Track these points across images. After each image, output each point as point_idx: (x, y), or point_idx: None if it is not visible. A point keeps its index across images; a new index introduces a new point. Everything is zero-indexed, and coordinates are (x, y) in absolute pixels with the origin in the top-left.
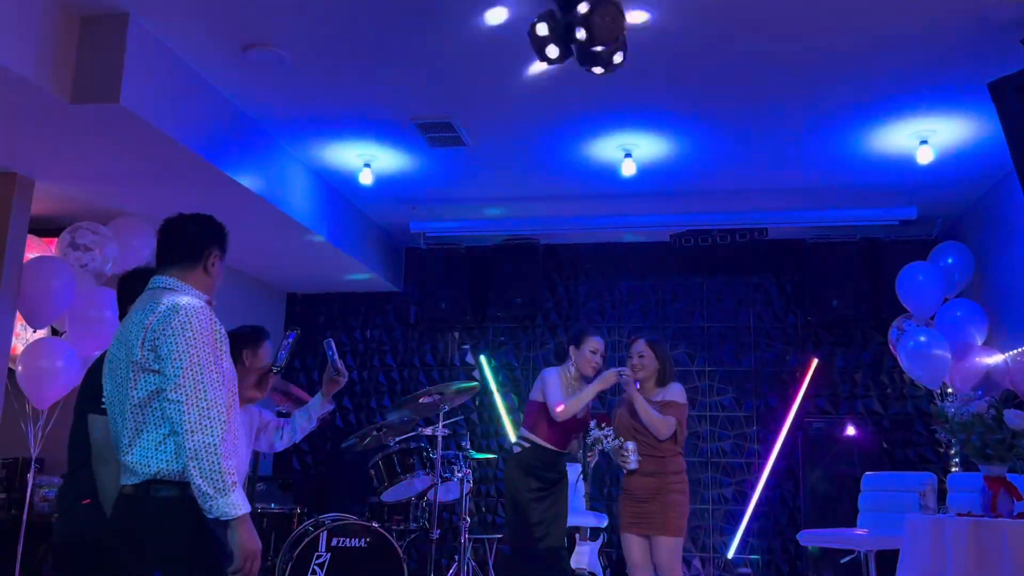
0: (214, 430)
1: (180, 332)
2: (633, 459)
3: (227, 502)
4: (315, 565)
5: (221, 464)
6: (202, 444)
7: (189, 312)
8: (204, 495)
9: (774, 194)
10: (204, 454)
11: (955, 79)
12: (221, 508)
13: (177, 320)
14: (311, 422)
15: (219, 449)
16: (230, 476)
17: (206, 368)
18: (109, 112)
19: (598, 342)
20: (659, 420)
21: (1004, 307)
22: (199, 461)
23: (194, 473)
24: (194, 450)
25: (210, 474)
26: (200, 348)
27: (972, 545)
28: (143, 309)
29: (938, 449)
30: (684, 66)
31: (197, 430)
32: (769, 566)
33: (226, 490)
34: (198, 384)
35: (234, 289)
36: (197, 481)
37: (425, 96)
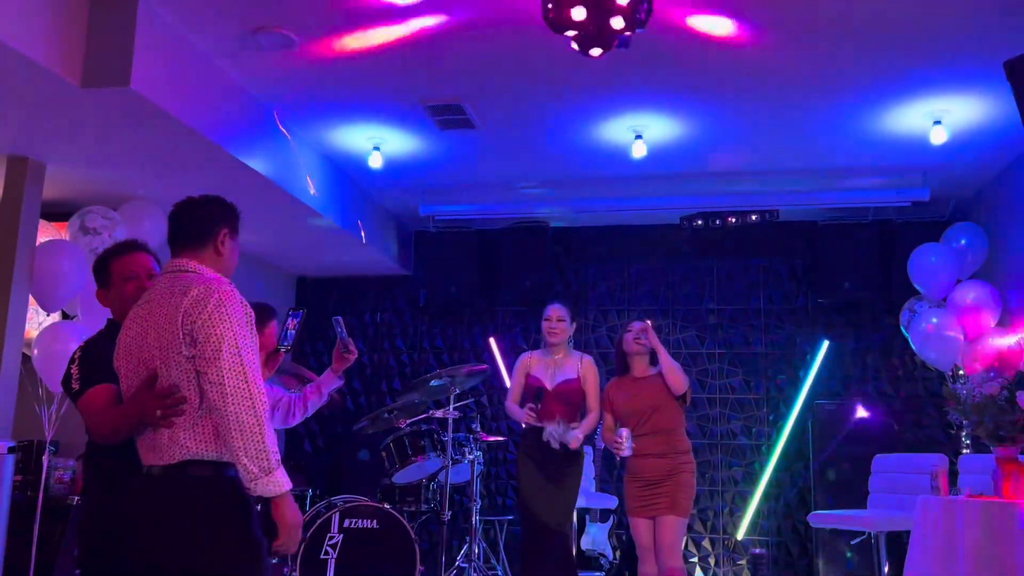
0: (257, 410)
1: (216, 313)
2: (627, 445)
3: (272, 480)
4: (328, 546)
5: (266, 443)
6: (247, 424)
7: (223, 293)
8: (250, 474)
9: (785, 176)
10: (249, 434)
11: (970, 58)
12: (266, 487)
13: (212, 301)
14: (322, 397)
15: (263, 428)
16: (274, 455)
17: (244, 348)
18: (119, 96)
19: (549, 309)
20: (677, 366)
21: (1017, 288)
22: (245, 441)
23: (240, 453)
24: (239, 431)
25: (256, 454)
26: (237, 328)
27: (983, 526)
28: (171, 291)
29: (949, 431)
30: (696, 48)
31: (241, 411)
32: (779, 548)
33: (270, 469)
34: (238, 365)
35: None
36: (244, 461)
37: (435, 78)
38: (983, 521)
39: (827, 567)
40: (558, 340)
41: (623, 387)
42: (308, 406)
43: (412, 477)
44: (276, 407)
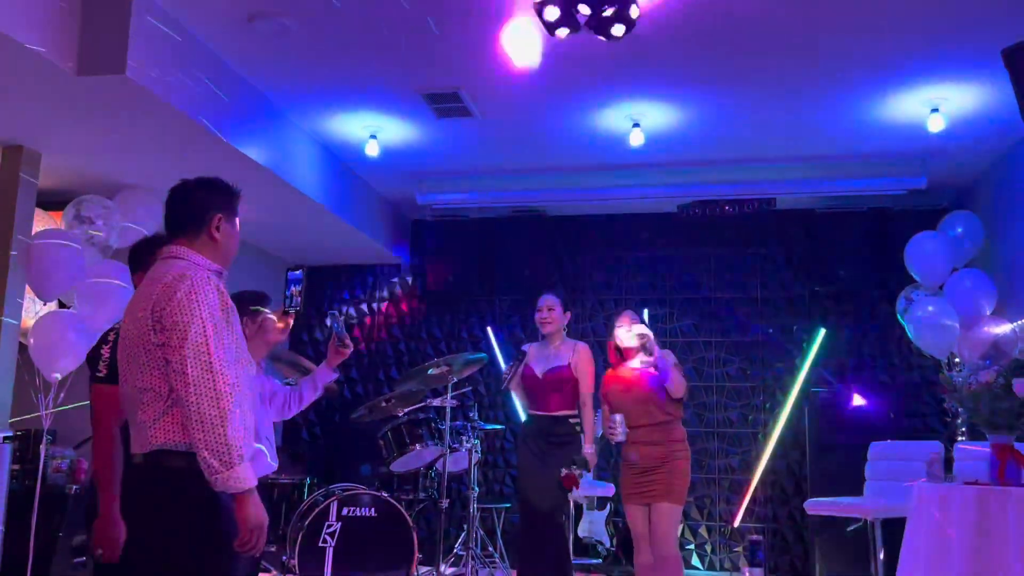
0: (220, 402)
1: (185, 301)
2: (621, 431)
3: (232, 475)
4: (326, 534)
5: (227, 437)
6: (208, 416)
7: (194, 282)
8: (210, 468)
9: (783, 164)
10: (210, 427)
11: (967, 46)
12: (227, 482)
13: (182, 290)
14: (317, 391)
15: (226, 421)
16: (236, 449)
17: (212, 339)
18: (115, 83)
19: (540, 300)
20: (682, 381)
21: (1013, 276)
22: (205, 434)
23: (200, 446)
24: (200, 423)
25: (216, 447)
26: (207, 317)
27: (979, 513)
28: (150, 279)
29: (945, 418)
30: (693, 35)
31: (203, 402)
32: (776, 535)
33: (232, 464)
34: (203, 354)
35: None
36: (204, 454)
37: (432, 66)
38: (978, 508)
39: (823, 554)
40: (550, 330)
41: (621, 377)
42: (303, 399)
43: (410, 465)
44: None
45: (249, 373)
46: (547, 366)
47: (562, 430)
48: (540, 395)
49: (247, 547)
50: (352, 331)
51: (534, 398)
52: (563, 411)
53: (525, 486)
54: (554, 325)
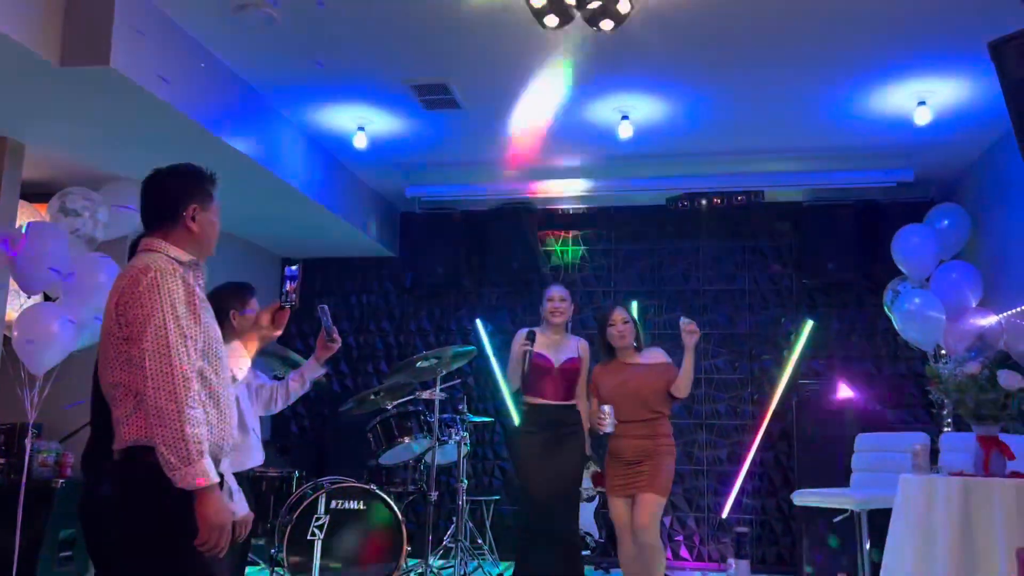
0: (178, 396)
1: (147, 293)
2: (610, 422)
3: (191, 472)
4: (315, 527)
5: (185, 431)
6: (165, 411)
7: (157, 274)
8: (168, 464)
9: (771, 156)
10: (168, 422)
11: (954, 38)
12: (184, 478)
13: (144, 282)
14: (304, 385)
15: (183, 416)
16: (195, 445)
17: (172, 332)
18: (98, 74)
19: (553, 291)
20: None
21: (999, 269)
22: (163, 429)
23: (158, 441)
24: (157, 417)
25: (174, 443)
26: (168, 310)
27: (963, 503)
28: (120, 273)
29: (931, 410)
30: (682, 28)
31: (160, 397)
32: (763, 526)
33: (190, 460)
34: (162, 347)
35: (228, 254)
36: (162, 449)
37: (420, 58)
38: (963, 499)
39: (810, 545)
40: (561, 320)
41: (612, 372)
42: (290, 394)
43: (399, 458)
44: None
45: (226, 367)
46: (562, 356)
47: (572, 419)
48: (551, 384)
49: (207, 547)
50: (341, 324)
51: (543, 387)
52: (570, 401)
53: (532, 477)
54: (565, 316)
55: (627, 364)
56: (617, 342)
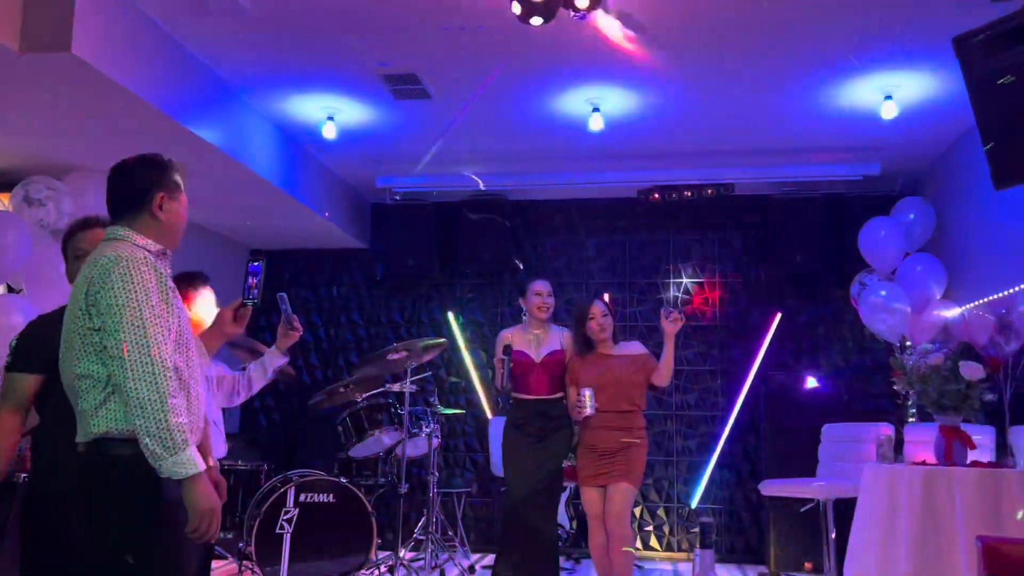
0: (159, 386)
1: (119, 285)
2: (590, 405)
3: (177, 460)
4: (283, 520)
5: (169, 421)
6: (148, 401)
7: (129, 263)
8: (153, 454)
9: (740, 150)
10: (151, 411)
11: (920, 33)
12: (171, 467)
13: (116, 272)
14: (266, 375)
15: (166, 405)
16: (180, 433)
17: (149, 321)
18: (60, 61)
19: (539, 285)
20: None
21: (963, 261)
22: (146, 419)
23: (142, 432)
24: (140, 407)
25: (158, 432)
26: (142, 301)
27: (924, 492)
28: (88, 263)
29: (896, 400)
30: (651, 21)
31: (142, 387)
32: (732, 515)
33: (176, 448)
34: (140, 338)
35: (194, 245)
36: (146, 440)
37: (390, 47)
38: (925, 488)
39: (777, 534)
40: (548, 315)
41: (591, 363)
42: (252, 385)
43: (369, 451)
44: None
45: (196, 356)
46: (544, 350)
47: (558, 412)
48: (535, 379)
49: (198, 534)
50: (311, 316)
51: (526, 383)
52: (556, 394)
53: (516, 471)
54: (551, 310)
55: (606, 355)
56: (597, 336)
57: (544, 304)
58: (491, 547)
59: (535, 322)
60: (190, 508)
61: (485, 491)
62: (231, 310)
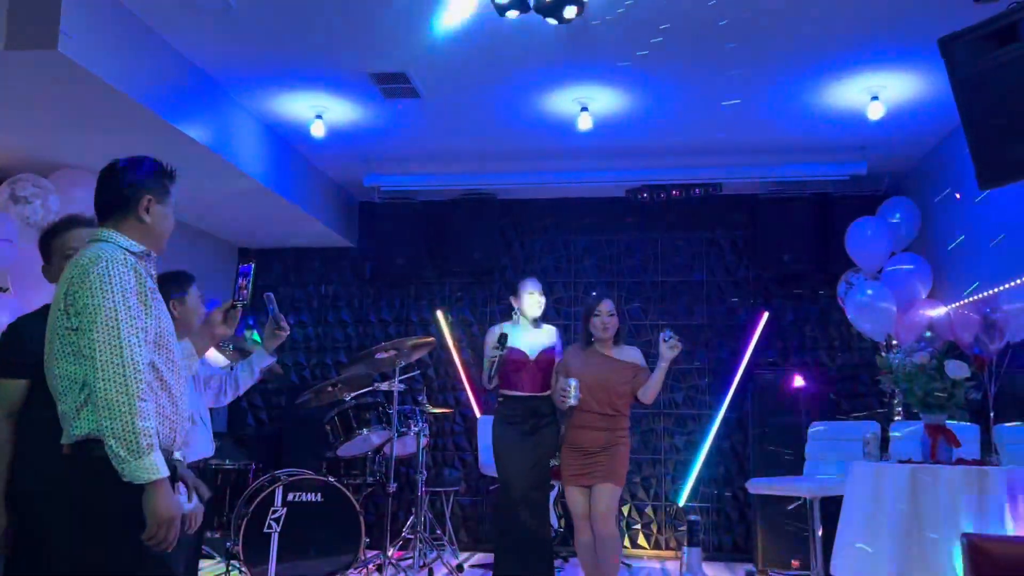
0: (129, 388)
1: (96, 285)
2: (574, 395)
3: (140, 465)
4: (271, 520)
5: (136, 424)
6: (116, 403)
7: (108, 263)
8: (116, 456)
9: (728, 149)
10: (117, 413)
11: (906, 35)
12: (134, 471)
13: (95, 272)
14: (253, 375)
15: (134, 408)
16: (145, 438)
17: (123, 322)
18: (46, 59)
19: (533, 284)
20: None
21: (948, 261)
22: (112, 421)
23: (107, 434)
24: (107, 409)
25: (123, 435)
26: (117, 301)
27: (911, 490)
28: (70, 263)
29: (882, 399)
30: (640, 21)
31: (110, 388)
32: (719, 514)
33: (140, 452)
34: (113, 339)
35: (182, 244)
36: (110, 441)
37: (379, 46)
38: (910, 485)
39: (765, 531)
40: (540, 313)
41: (584, 358)
42: (240, 384)
43: (357, 450)
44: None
45: (177, 358)
46: (537, 348)
47: (548, 410)
48: (528, 376)
49: (155, 542)
50: (300, 315)
51: (519, 380)
52: (546, 392)
53: (509, 469)
54: (543, 309)
55: (600, 354)
56: (600, 333)
57: (538, 303)
58: (480, 545)
59: (527, 320)
60: (149, 514)
61: (474, 490)
62: (221, 311)
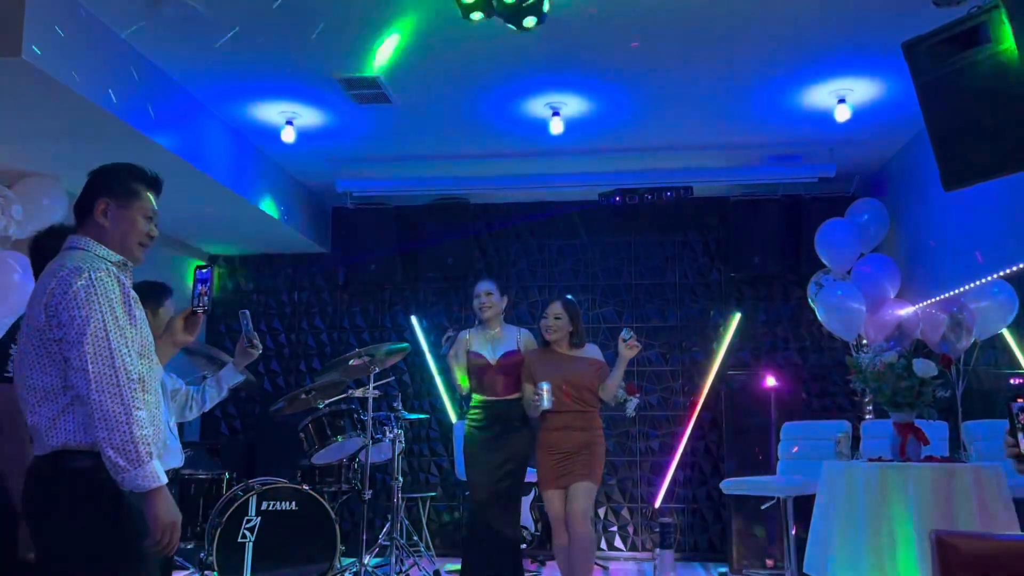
0: (124, 398)
1: (83, 296)
2: (547, 399)
3: (140, 474)
4: (245, 529)
5: (134, 434)
6: (112, 414)
7: (92, 274)
8: (116, 467)
9: (699, 152)
10: (115, 424)
11: (871, 38)
12: (135, 480)
13: (79, 283)
14: (221, 392)
15: (132, 418)
16: (144, 446)
17: (112, 333)
18: (10, 67)
19: (479, 286)
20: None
21: (916, 261)
22: (110, 432)
23: (105, 445)
24: (104, 420)
25: (122, 445)
26: (105, 312)
27: (881, 488)
28: (48, 272)
29: (853, 398)
30: (609, 26)
31: (106, 399)
32: (695, 514)
33: (140, 461)
34: (104, 350)
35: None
36: (108, 452)
37: (349, 51)
38: (880, 483)
39: (739, 532)
40: (490, 315)
41: (546, 360)
42: (206, 401)
43: (332, 457)
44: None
45: (156, 367)
46: (498, 351)
47: (516, 413)
48: (490, 380)
49: (160, 546)
50: (271, 322)
51: (483, 384)
52: (514, 395)
53: (476, 474)
54: (493, 310)
55: (561, 354)
56: (544, 335)
57: (483, 305)
58: (456, 551)
59: (486, 323)
60: (152, 521)
61: (450, 495)
62: (182, 319)
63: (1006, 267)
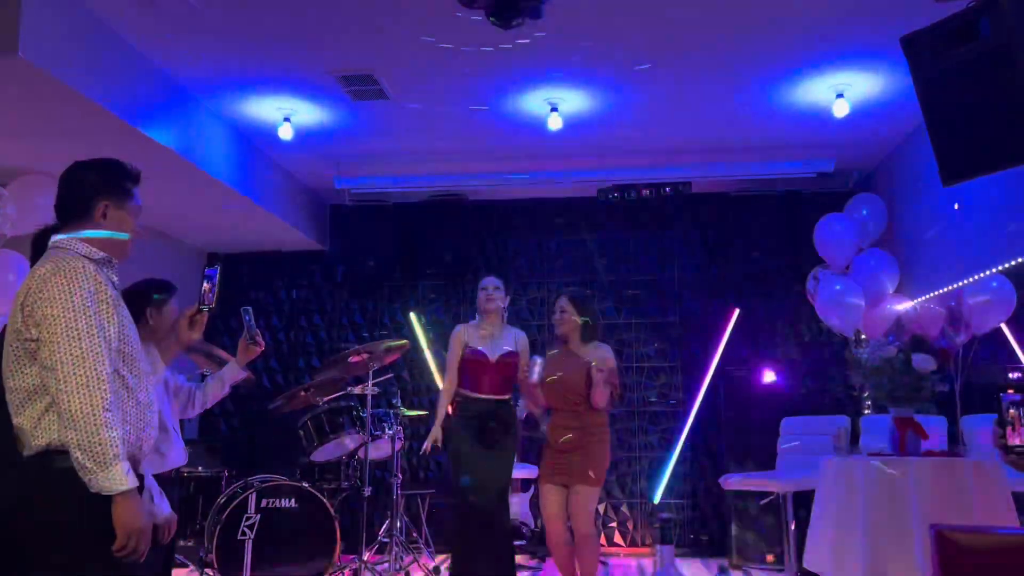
0: (93, 399)
1: (57, 295)
2: (536, 372)
3: (106, 476)
4: (245, 527)
5: (102, 435)
6: (79, 414)
7: (68, 272)
8: (83, 468)
9: (697, 148)
10: (82, 424)
11: (870, 33)
12: (100, 482)
13: (55, 282)
14: (223, 389)
15: (99, 419)
16: (112, 447)
17: (85, 333)
18: (7, 64)
19: (485, 281)
20: (607, 395)
21: (914, 256)
22: (77, 432)
23: (72, 445)
24: (72, 419)
25: (90, 447)
26: (78, 311)
27: (880, 483)
28: (30, 273)
29: (852, 393)
30: (607, 21)
31: (74, 399)
32: (694, 509)
33: (106, 463)
34: (75, 350)
35: (149, 248)
36: (76, 454)
37: (346, 47)
38: (879, 478)
39: (738, 527)
40: (495, 308)
41: (555, 355)
42: (208, 398)
43: (332, 454)
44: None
45: (144, 366)
46: (498, 350)
47: (507, 413)
48: (488, 378)
49: (124, 553)
50: (270, 319)
51: (478, 382)
52: (506, 395)
53: (466, 472)
54: (499, 305)
55: (566, 351)
56: (556, 328)
57: (490, 297)
58: None
59: (486, 319)
60: (118, 526)
61: (449, 492)
62: (187, 317)
63: (1005, 262)
